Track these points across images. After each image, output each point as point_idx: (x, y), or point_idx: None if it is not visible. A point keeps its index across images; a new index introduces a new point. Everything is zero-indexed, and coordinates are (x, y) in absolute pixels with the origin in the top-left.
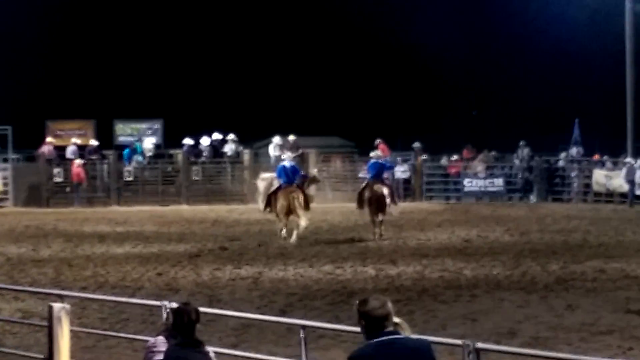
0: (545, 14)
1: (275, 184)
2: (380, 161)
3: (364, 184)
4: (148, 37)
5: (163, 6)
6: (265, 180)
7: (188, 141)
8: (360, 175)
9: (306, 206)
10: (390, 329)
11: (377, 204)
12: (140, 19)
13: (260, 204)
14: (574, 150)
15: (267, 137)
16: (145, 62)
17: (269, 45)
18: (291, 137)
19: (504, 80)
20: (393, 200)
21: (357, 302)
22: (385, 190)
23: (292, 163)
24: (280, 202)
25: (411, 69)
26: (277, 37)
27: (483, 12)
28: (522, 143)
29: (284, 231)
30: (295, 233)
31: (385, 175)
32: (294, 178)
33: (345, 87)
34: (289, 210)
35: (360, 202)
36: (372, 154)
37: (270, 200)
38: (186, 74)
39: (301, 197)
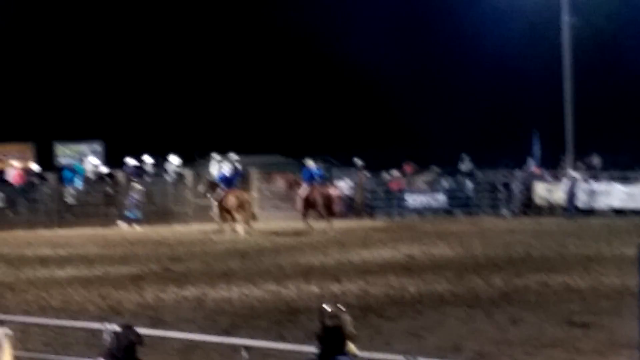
0: (483, 29)
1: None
2: (311, 169)
3: (308, 189)
4: (85, 58)
5: (99, 28)
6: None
7: (130, 161)
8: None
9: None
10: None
11: (328, 203)
12: (77, 41)
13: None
14: (531, 163)
15: (208, 156)
16: (84, 83)
17: (207, 63)
18: (231, 156)
19: (444, 95)
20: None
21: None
22: (333, 192)
23: (231, 171)
24: (230, 199)
25: (350, 84)
26: (215, 56)
27: (421, 27)
28: (464, 157)
29: (237, 227)
30: (239, 228)
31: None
32: (234, 183)
33: (286, 104)
34: (239, 205)
35: (309, 205)
36: (307, 163)
37: (221, 208)
38: (126, 95)
39: (246, 196)
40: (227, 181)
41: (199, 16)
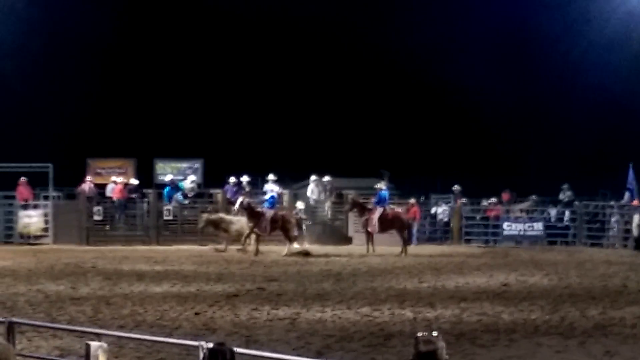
0: (588, 57)
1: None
2: (382, 192)
3: (379, 211)
4: (189, 76)
5: (203, 48)
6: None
7: (230, 179)
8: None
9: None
10: None
11: (400, 223)
12: (181, 59)
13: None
14: (626, 196)
15: (305, 177)
16: (186, 102)
17: (308, 86)
18: (326, 178)
19: (545, 124)
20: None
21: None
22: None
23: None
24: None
25: (451, 111)
26: (316, 79)
27: (525, 55)
28: (565, 186)
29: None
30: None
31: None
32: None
33: (385, 128)
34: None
35: (381, 225)
36: (377, 185)
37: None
38: (226, 114)
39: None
40: (272, 202)
41: (303, 40)
